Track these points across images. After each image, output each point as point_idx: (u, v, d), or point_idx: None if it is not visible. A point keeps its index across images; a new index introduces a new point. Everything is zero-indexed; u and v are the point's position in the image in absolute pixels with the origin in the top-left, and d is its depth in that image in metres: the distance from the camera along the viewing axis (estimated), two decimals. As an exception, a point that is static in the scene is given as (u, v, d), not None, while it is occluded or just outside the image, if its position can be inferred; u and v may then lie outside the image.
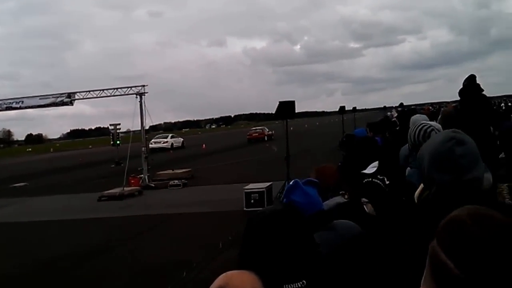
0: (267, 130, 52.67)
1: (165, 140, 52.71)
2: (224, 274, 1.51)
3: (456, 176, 1.93)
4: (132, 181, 20.08)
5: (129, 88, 21.53)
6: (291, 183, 2.77)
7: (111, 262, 9.89)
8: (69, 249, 10.95)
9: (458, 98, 8.62)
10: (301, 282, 1.72)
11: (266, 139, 48.85)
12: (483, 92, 8.20)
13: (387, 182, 3.83)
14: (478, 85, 8.18)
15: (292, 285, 1.71)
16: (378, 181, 3.86)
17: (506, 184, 2.66)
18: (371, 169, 4.04)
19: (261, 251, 1.76)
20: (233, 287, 1.47)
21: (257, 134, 52.33)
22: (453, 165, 1.94)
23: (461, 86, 8.35)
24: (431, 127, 4.33)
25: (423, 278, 1.19)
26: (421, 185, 2.47)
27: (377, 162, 4.12)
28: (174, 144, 52.16)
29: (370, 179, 3.94)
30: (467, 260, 1.05)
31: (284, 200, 2.73)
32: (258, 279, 1.53)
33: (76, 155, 58.19)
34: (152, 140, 48.99)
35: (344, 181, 3.71)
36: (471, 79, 8.20)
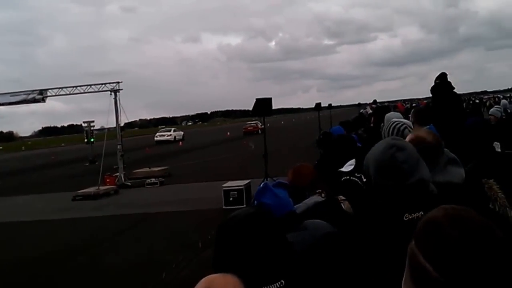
0: (260, 124, 53.94)
1: (169, 133, 59.51)
2: (205, 277, 1.52)
3: (400, 181, 2.02)
4: (108, 180, 19.71)
5: (103, 85, 21.16)
6: (261, 185, 2.80)
7: (87, 264, 9.63)
8: (43, 251, 10.66)
9: (430, 95, 8.81)
10: (279, 282, 1.75)
11: (260, 132, 50.60)
12: (454, 90, 8.45)
13: (365, 180, 3.81)
14: (449, 82, 8.45)
15: (271, 286, 1.74)
16: (356, 179, 3.93)
17: (492, 180, 2.66)
18: (348, 167, 4.11)
19: (237, 255, 1.78)
20: None
21: (252, 128, 59.18)
22: (395, 171, 2.04)
23: (433, 84, 8.52)
24: (404, 125, 4.51)
25: (403, 279, 1.20)
26: None
27: (353, 160, 4.18)
28: (177, 137, 58.13)
29: (347, 177, 4.01)
30: (446, 263, 1.06)
31: (255, 202, 2.76)
32: (240, 282, 1.55)
33: (49, 153, 57.46)
34: (157, 134, 59.87)
35: (321, 180, 3.77)
36: (442, 77, 8.48)
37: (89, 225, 13.22)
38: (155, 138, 57.56)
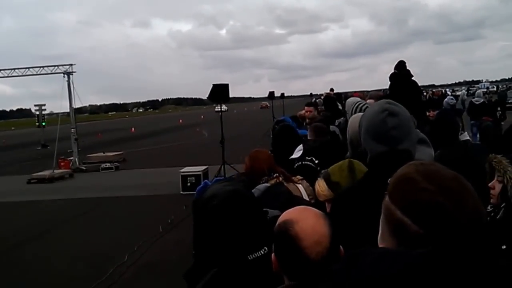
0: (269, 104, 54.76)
1: None
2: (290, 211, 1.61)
3: (389, 146, 2.02)
4: (62, 164, 19.53)
5: (56, 67, 20.68)
6: (201, 184, 2.92)
7: (46, 248, 9.52)
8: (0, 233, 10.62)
9: (378, 88, 8.96)
10: (263, 249, 1.90)
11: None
12: (413, 78, 8.49)
13: (316, 161, 4.18)
14: (408, 70, 8.45)
15: (256, 253, 1.91)
16: (308, 162, 4.20)
17: (501, 155, 2.78)
18: (297, 153, 4.37)
19: (221, 231, 1.92)
20: (301, 231, 1.51)
21: (265, 105, 79.17)
22: (385, 136, 2.03)
23: (386, 73, 8.58)
24: (366, 104, 4.69)
25: (379, 235, 1.24)
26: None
27: (301, 145, 4.47)
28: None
29: (300, 163, 4.28)
30: (424, 216, 1.10)
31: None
32: (329, 233, 1.53)
33: (-1, 136, 55.36)
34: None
35: (278, 164, 3.84)
36: (401, 65, 8.45)
37: (45, 208, 13.13)
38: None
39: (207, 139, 27.24)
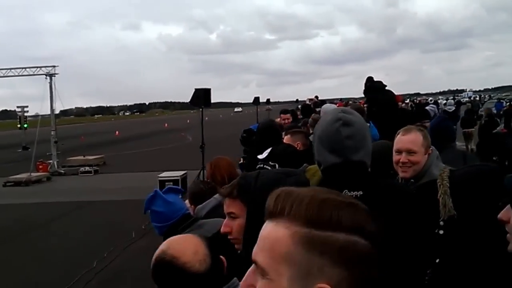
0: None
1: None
2: (167, 239, 1.65)
3: (343, 157, 1.95)
4: (40, 167, 19.36)
5: (39, 68, 20.63)
6: (151, 193, 2.89)
7: (17, 250, 9.46)
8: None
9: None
10: None
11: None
12: (386, 87, 8.38)
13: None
14: (380, 81, 8.44)
15: None
16: (269, 168, 4.11)
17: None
18: (264, 154, 4.31)
19: None
20: (174, 250, 1.59)
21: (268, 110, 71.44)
22: (339, 146, 1.96)
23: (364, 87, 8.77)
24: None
25: None
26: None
27: (270, 148, 4.38)
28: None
29: (262, 165, 4.21)
30: None
31: (146, 211, 2.92)
32: (202, 242, 1.64)
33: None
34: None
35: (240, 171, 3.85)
36: (370, 79, 8.54)
37: (19, 212, 12.96)
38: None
39: (191, 144, 27.06)
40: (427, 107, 14.01)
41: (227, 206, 1.88)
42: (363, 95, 9.21)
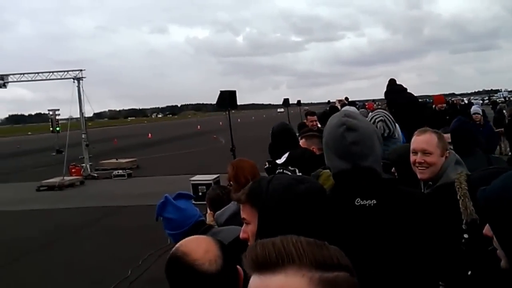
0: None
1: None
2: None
3: (352, 163, 1.90)
4: (73, 170, 19.46)
5: (66, 72, 20.87)
6: (161, 199, 2.78)
7: (50, 259, 9.34)
8: (4, 243, 10.39)
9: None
10: None
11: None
12: (407, 90, 8.74)
13: (299, 174, 3.81)
14: (400, 85, 8.75)
15: None
16: (289, 172, 3.88)
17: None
18: (283, 158, 4.23)
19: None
20: (185, 247, 1.59)
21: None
22: (345, 151, 1.91)
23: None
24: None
25: None
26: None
27: (288, 152, 4.29)
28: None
29: (281, 170, 3.98)
30: None
31: (158, 218, 2.85)
32: (215, 244, 1.63)
33: (14, 141, 56.45)
34: None
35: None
36: (391, 82, 8.80)
37: (52, 217, 12.92)
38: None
39: (223, 146, 26.89)
40: (473, 107, 13.42)
41: (241, 211, 1.84)
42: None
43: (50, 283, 7.99)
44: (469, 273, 2.20)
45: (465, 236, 2.32)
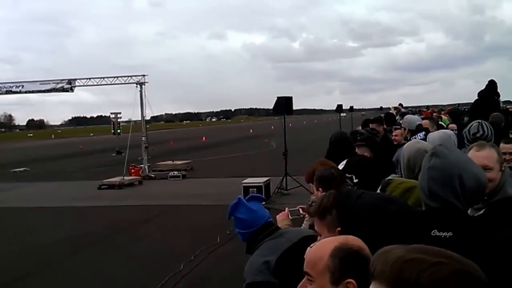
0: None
1: None
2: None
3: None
4: (133, 171, 20.14)
5: (130, 77, 21.41)
6: (234, 200, 2.88)
7: (109, 251, 9.86)
8: (67, 236, 10.99)
9: (453, 102, 8.86)
10: None
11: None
12: (498, 98, 8.77)
13: (356, 181, 4.01)
14: (494, 91, 8.66)
15: None
16: (347, 179, 3.94)
17: None
18: (340, 166, 4.24)
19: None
20: (359, 242, 1.55)
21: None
22: (425, 188, 1.94)
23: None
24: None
25: None
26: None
27: (346, 160, 4.35)
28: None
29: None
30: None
31: (230, 217, 2.90)
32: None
33: (77, 142, 57.80)
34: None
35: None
36: (490, 83, 8.69)
37: (112, 213, 13.51)
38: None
39: (274, 150, 27.23)
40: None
41: (316, 226, 1.86)
42: (451, 102, 9.11)
43: (108, 274, 8.40)
44: None
45: None
